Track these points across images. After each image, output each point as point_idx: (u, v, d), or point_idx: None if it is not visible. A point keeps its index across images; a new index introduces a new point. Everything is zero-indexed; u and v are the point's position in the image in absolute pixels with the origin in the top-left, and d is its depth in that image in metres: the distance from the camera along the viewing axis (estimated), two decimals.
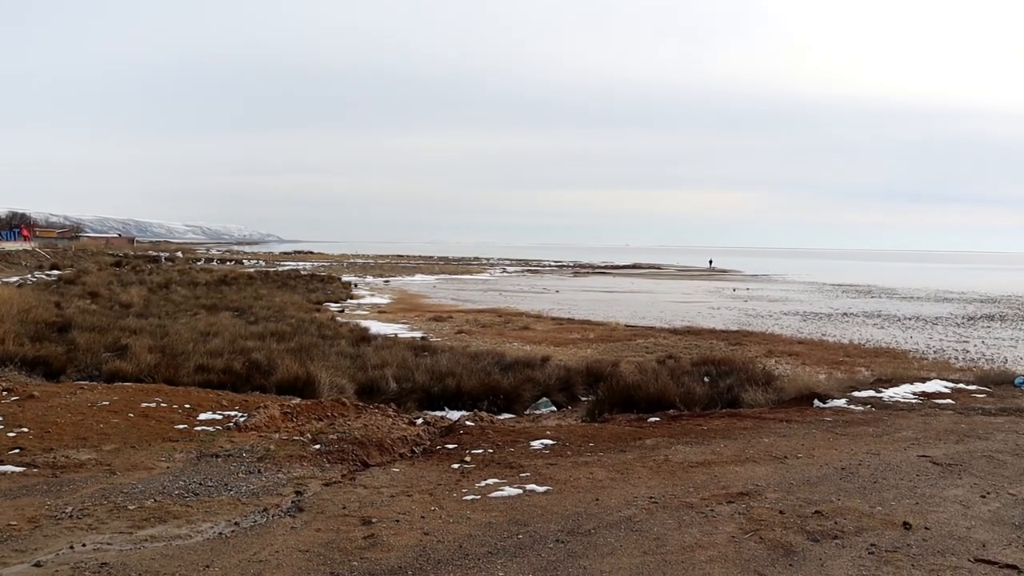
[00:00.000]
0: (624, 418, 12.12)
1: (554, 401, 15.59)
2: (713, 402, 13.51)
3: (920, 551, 5.94)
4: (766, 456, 8.85)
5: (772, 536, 6.15)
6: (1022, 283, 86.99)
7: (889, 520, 6.63)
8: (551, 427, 11.45)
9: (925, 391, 13.93)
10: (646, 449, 9.22)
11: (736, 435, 10.05)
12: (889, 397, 13.29)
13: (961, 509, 7.06)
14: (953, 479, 8.06)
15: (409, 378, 15.81)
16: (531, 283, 69.03)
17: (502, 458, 8.74)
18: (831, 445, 9.49)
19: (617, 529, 6.32)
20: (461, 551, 5.87)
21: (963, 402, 13.13)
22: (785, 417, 11.45)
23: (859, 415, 11.75)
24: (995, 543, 6.18)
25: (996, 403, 13.08)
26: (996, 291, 66.17)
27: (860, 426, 10.78)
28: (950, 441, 9.88)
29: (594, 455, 8.93)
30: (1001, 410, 12.37)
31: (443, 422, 11.43)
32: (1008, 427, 10.92)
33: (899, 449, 9.35)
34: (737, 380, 15.53)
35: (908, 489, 7.64)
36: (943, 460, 8.84)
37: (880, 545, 6.03)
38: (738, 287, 66.49)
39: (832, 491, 7.48)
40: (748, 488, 7.50)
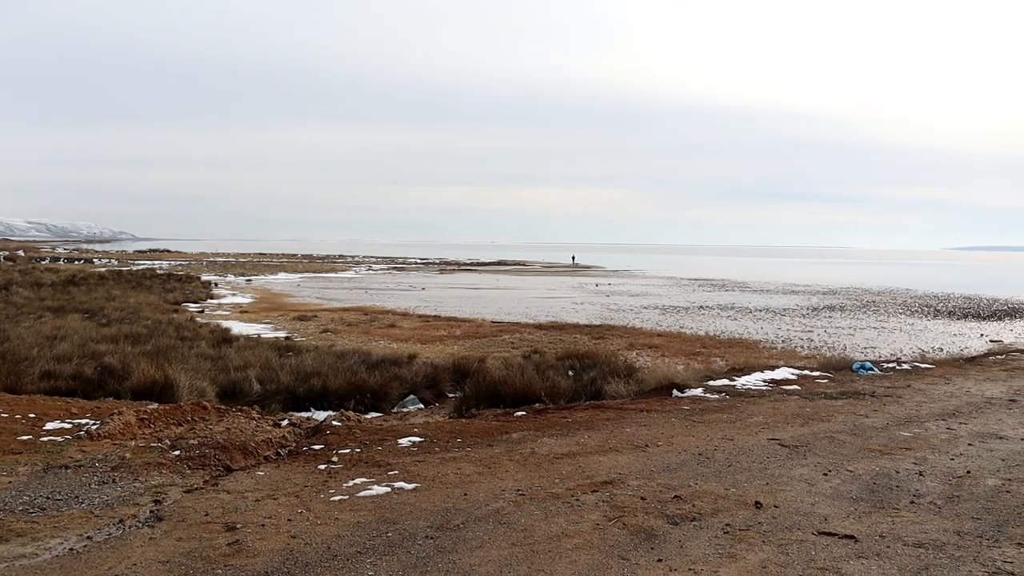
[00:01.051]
0: (491, 413, 12.25)
1: (422, 398, 15.58)
2: (578, 395, 13.85)
3: (770, 528, 6.31)
4: (628, 445, 9.15)
5: (635, 521, 6.38)
6: (861, 276, 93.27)
7: (742, 500, 7.01)
8: (419, 424, 11.44)
9: (774, 378, 14.73)
10: (513, 443, 9.36)
11: (600, 426, 10.34)
12: (742, 385, 13.98)
13: (806, 487, 7.53)
14: (799, 459, 8.59)
15: (273, 379, 15.43)
16: (397, 280, 68.57)
17: (370, 457, 8.68)
18: (689, 432, 9.91)
19: (486, 522, 6.40)
20: (330, 552, 5.81)
21: (808, 388, 13.97)
22: (646, 407, 11.86)
23: (714, 403, 12.30)
24: (836, 516, 6.64)
25: (837, 387, 13.99)
26: (837, 284, 70.66)
27: (715, 413, 11.31)
28: (796, 424, 10.51)
29: (462, 451, 8.99)
30: (841, 394, 13.24)
31: (309, 423, 11.23)
32: (847, 409, 11.71)
33: (751, 434, 9.86)
34: (600, 373, 15.97)
35: (759, 471, 8.09)
36: (790, 442, 9.40)
37: (734, 524, 6.37)
38: (600, 282, 68.20)
39: (690, 476, 7.83)
40: (612, 477, 7.74)
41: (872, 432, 10.15)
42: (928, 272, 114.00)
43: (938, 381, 15.17)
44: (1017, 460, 8.80)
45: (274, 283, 61.78)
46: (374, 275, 79.68)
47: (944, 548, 5.92)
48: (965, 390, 13.96)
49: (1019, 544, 6.04)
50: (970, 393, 13.62)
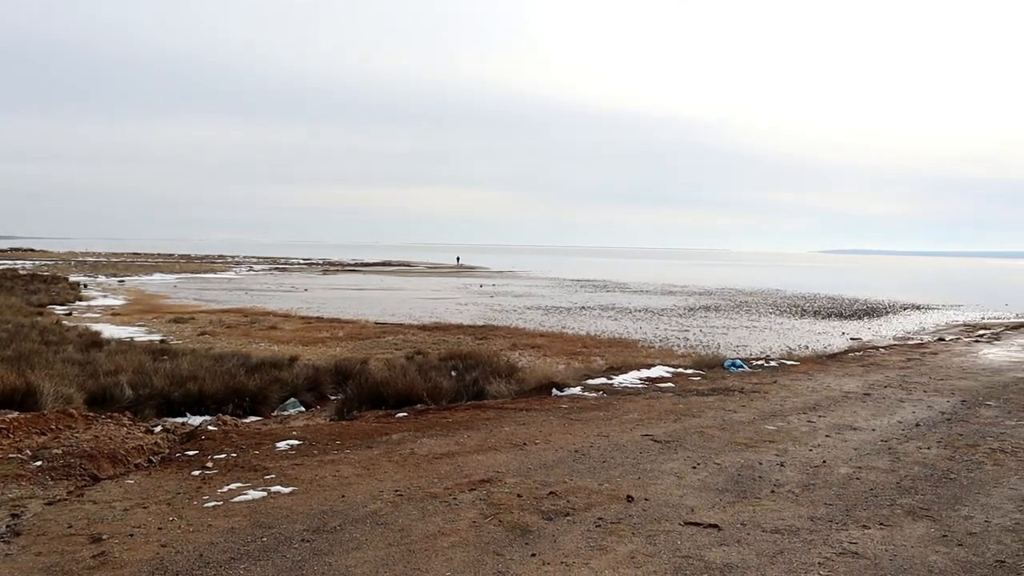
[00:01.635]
0: (373, 415, 12.21)
1: (303, 401, 15.35)
2: (459, 395, 13.94)
3: (640, 520, 6.57)
4: (507, 444, 9.32)
5: (511, 518, 6.53)
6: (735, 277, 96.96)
7: (615, 495, 7.26)
8: (299, 427, 11.31)
9: (650, 376, 15.23)
10: (392, 444, 9.38)
11: (480, 426, 10.47)
12: (619, 383, 14.40)
13: (676, 480, 7.87)
14: (670, 454, 8.94)
15: (147, 384, 14.88)
16: (279, 281, 67.06)
17: (246, 461, 8.54)
18: (566, 430, 10.16)
19: (363, 524, 6.42)
20: (202, 560, 5.71)
21: (682, 385, 14.52)
22: (526, 406, 12.07)
23: (592, 401, 12.64)
24: (702, 507, 6.97)
25: (709, 384, 14.58)
26: (713, 285, 73.27)
27: (593, 411, 11.62)
28: (669, 420, 10.92)
29: (341, 453, 8.95)
30: (712, 390, 13.81)
31: (184, 428, 10.92)
32: (717, 405, 12.24)
33: (626, 430, 10.19)
34: (482, 373, 16.11)
35: (632, 466, 8.38)
36: (663, 438, 9.76)
37: (606, 518, 6.60)
38: (485, 283, 68.54)
39: (566, 473, 8.04)
40: (490, 475, 7.88)
41: (739, 426, 10.65)
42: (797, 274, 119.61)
43: (802, 377, 16.01)
44: (867, 449, 9.42)
45: (149, 284, 59.41)
46: (255, 276, 77.65)
47: (798, 533, 6.31)
48: (826, 385, 14.78)
49: (864, 526, 6.50)
50: (830, 388, 14.44)
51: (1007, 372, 17.76)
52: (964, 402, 13.15)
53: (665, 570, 5.50)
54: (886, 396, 13.57)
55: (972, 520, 6.77)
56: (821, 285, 79.34)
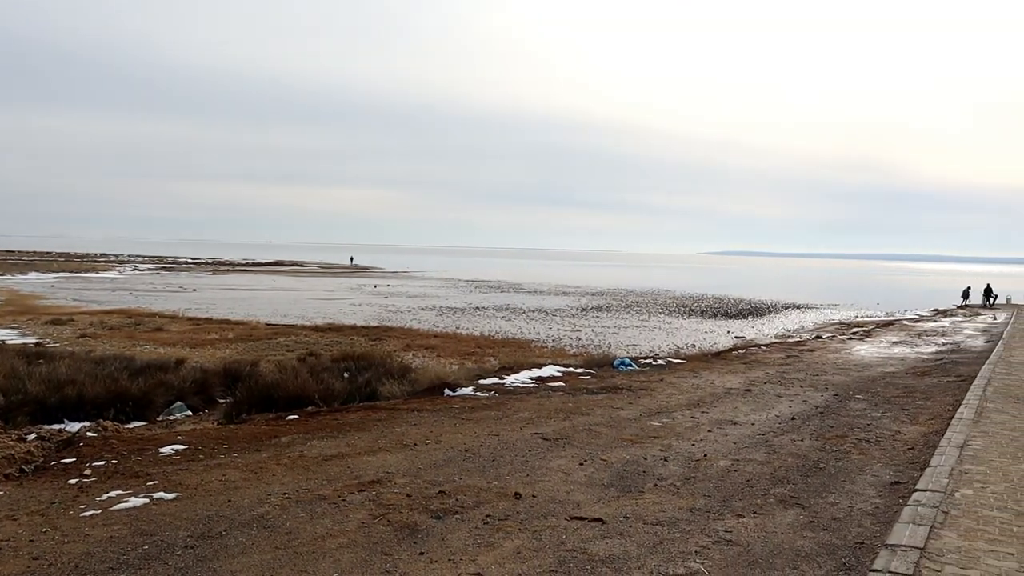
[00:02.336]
0: (263, 417, 12.02)
1: (190, 405, 14.93)
2: (352, 396, 13.85)
3: (527, 516, 6.71)
4: (398, 444, 9.34)
5: (399, 518, 6.57)
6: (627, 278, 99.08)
7: (503, 492, 7.39)
8: (185, 432, 11.03)
9: (541, 376, 15.48)
10: (282, 446, 9.27)
11: (371, 427, 10.45)
12: (511, 383, 14.58)
13: (563, 476, 8.05)
14: (559, 451, 9.14)
15: (20, 389, 14.18)
16: (166, 281, 64.79)
17: (127, 468, 8.29)
18: (457, 430, 10.25)
19: (250, 528, 6.34)
20: (78, 571, 5.53)
21: (572, 384, 14.81)
22: (418, 407, 12.10)
23: (484, 401, 12.76)
24: (588, 502, 7.17)
25: (598, 383, 14.92)
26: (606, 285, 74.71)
27: (484, 411, 11.74)
28: (559, 419, 11.14)
29: (228, 456, 8.79)
30: (601, 388, 14.15)
31: (61, 435, 10.49)
32: (606, 403, 12.55)
33: (516, 429, 10.35)
34: (376, 374, 16.03)
35: (521, 464, 8.53)
36: (552, 436, 9.96)
37: (494, 515, 6.71)
38: (379, 284, 67.98)
39: (456, 472, 8.12)
40: (379, 476, 7.89)
41: (626, 423, 10.96)
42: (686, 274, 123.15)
43: (687, 375, 16.56)
44: (746, 443, 9.86)
45: (23, 284, 56.42)
46: (140, 275, 74.76)
47: (678, 524, 6.57)
48: (709, 382, 15.34)
49: (739, 515, 6.82)
50: (713, 385, 14.99)
51: (876, 367, 18.81)
52: (836, 396, 13.88)
53: (549, 564, 5.65)
54: (766, 392, 14.19)
55: (837, 506, 7.19)
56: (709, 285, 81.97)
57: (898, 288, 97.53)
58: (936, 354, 22.55)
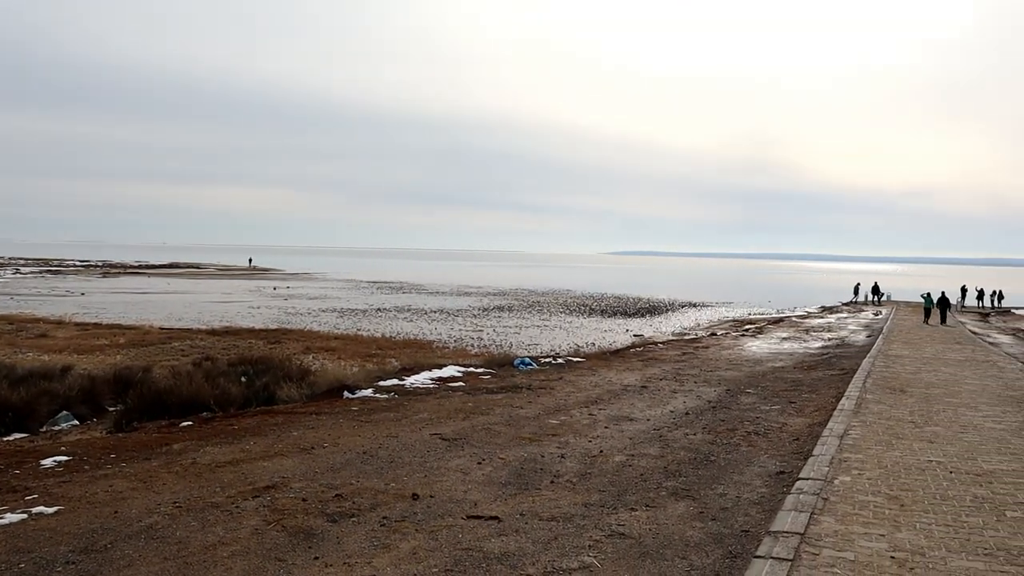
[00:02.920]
0: (155, 425, 11.68)
1: (77, 414, 14.33)
2: (249, 401, 13.56)
3: (425, 517, 6.72)
4: (295, 448, 9.20)
5: (294, 523, 6.48)
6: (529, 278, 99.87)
7: (401, 494, 7.37)
8: (70, 442, 10.62)
9: (442, 376, 15.49)
10: (173, 454, 9.02)
11: (267, 431, 10.27)
12: (411, 384, 14.54)
13: (461, 476, 8.09)
14: (457, 451, 9.17)
15: None
16: (52, 285, 61.91)
17: (3, 483, 7.91)
18: (356, 432, 10.17)
19: (137, 539, 6.15)
20: None
21: (472, 383, 14.87)
22: (316, 410, 11.95)
23: (383, 402, 12.69)
24: (485, 501, 7.23)
25: (498, 382, 15.03)
26: (508, 285, 75.15)
27: (383, 412, 11.68)
28: (458, 419, 11.18)
29: (116, 467, 8.50)
30: (501, 388, 14.25)
31: None
32: (505, 402, 12.65)
33: (415, 430, 10.34)
34: (274, 378, 15.72)
35: (419, 464, 8.53)
36: (451, 436, 9.99)
37: (391, 517, 6.70)
38: (279, 286, 66.70)
39: (353, 474, 8.06)
40: (275, 481, 7.76)
41: (525, 422, 11.08)
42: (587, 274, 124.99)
43: (586, 373, 16.84)
44: (641, 438, 10.10)
45: None
46: (23, 279, 71.20)
47: (573, 519, 6.69)
48: (608, 380, 15.64)
49: (632, 509, 7.00)
50: (611, 382, 15.29)
51: (766, 362, 19.52)
52: (728, 391, 14.35)
53: (445, 563, 5.68)
54: (661, 388, 14.55)
55: (726, 497, 7.46)
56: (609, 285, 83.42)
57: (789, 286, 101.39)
58: (822, 349, 23.56)
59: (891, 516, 6.73)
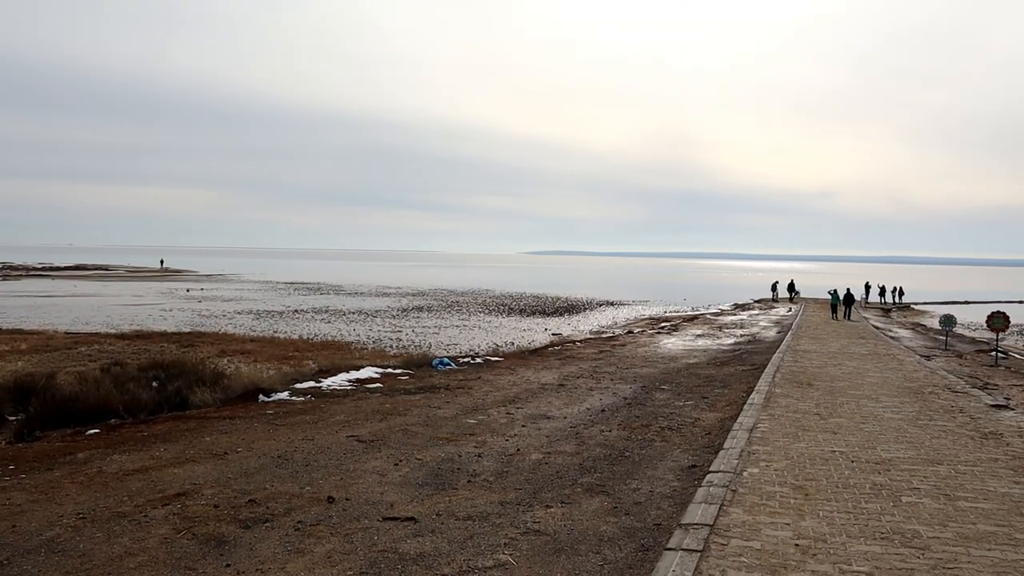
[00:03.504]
0: (59, 434, 11.25)
1: None
2: (160, 407, 13.20)
3: (340, 520, 6.67)
4: (207, 454, 9.01)
5: (205, 530, 6.35)
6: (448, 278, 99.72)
7: (316, 497, 7.30)
8: None
9: (359, 378, 15.36)
10: (78, 463, 8.72)
11: (178, 437, 10.02)
12: (328, 386, 14.38)
13: (378, 478, 8.05)
14: (374, 453, 9.12)
15: None
16: None
17: None
18: (271, 436, 10.01)
19: (36, 554, 5.93)
20: None
21: (390, 385, 14.79)
22: (230, 414, 11.72)
23: (300, 405, 12.52)
24: (401, 502, 7.21)
25: (416, 383, 14.98)
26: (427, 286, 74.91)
27: (300, 415, 11.53)
28: (375, 420, 11.11)
29: (15, 478, 8.17)
30: (419, 388, 14.21)
31: None
32: (423, 403, 12.62)
33: (332, 432, 10.23)
34: (186, 382, 15.34)
35: (336, 467, 8.46)
36: (368, 437, 9.92)
37: (306, 521, 6.63)
38: (192, 288, 64.99)
39: (267, 479, 7.94)
40: (186, 488, 7.59)
41: (443, 422, 11.08)
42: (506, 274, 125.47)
43: (505, 372, 16.92)
44: (558, 436, 10.21)
45: None
46: None
47: (488, 518, 6.73)
48: (526, 379, 15.74)
49: (547, 506, 7.08)
50: (529, 381, 15.40)
51: (681, 359, 19.94)
52: (644, 387, 14.61)
53: (360, 566, 5.65)
54: (578, 386, 14.73)
55: (639, 491, 7.61)
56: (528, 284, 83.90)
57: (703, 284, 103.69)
58: (734, 345, 24.18)
59: (796, 505, 6.97)
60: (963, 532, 6.39)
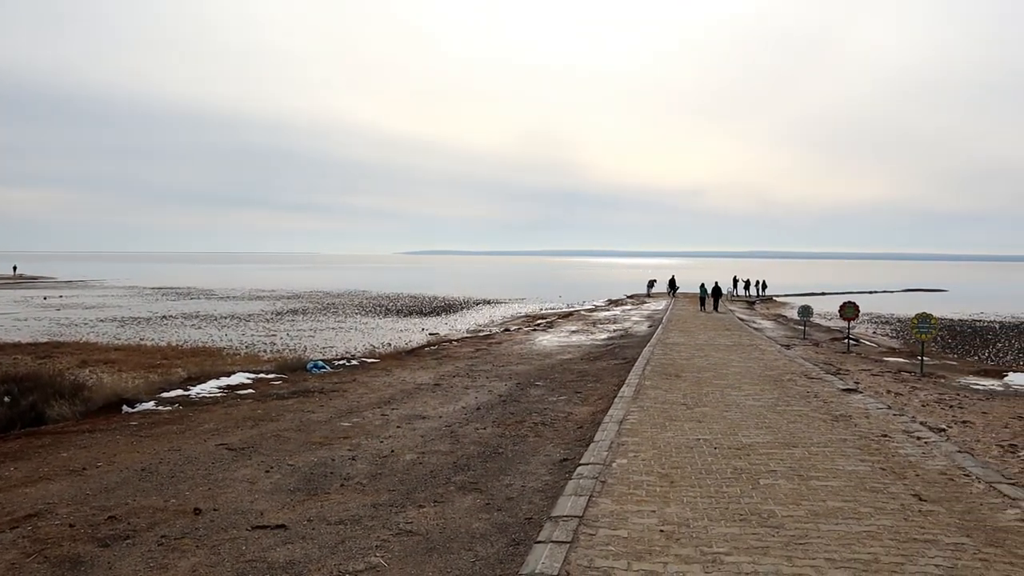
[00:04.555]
0: None
1: None
2: (12, 423, 12.46)
3: (207, 531, 6.49)
4: (63, 471, 8.58)
5: (59, 552, 6.05)
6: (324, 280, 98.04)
7: (182, 510, 7.07)
8: None
9: (230, 384, 14.94)
10: None
11: (32, 454, 9.50)
12: (197, 394, 13.93)
13: (248, 486, 7.87)
14: (244, 460, 8.91)
15: None
16: None
17: None
18: (134, 448, 9.62)
19: None
20: None
21: (262, 390, 14.45)
22: (90, 427, 11.20)
23: (166, 415, 12.08)
24: (272, 509, 7.08)
25: (290, 387, 14.70)
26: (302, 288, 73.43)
27: (166, 425, 11.12)
28: (246, 427, 10.84)
29: None
30: (293, 393, 13.95)
31: None
32: (296, 407, 12.41)
33: (200, 441, 9.93)
34: (42, 396, 14.53)
35: (203, 477, 8.21)
36: (238, 445, 9.68)
37: (170, 535, 6.41)
38: (50, 295, 61.45)
39: (129, 493, 7.64)
40: (38, 508, 7.20)
41: (316, 426, 10.92)
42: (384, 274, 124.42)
43: (380, 373, 16.81)
44: (433, 435, 10.24)
45: None
46: None
47: (361, 521, 6.70)
48: (402, 379, 15.69)
49: (421, 506, 7.11)
50: (405, 381, 15.35)
51: (556, 355, 20.30)
52: (519, 384, 14.81)
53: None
54: (454, 385, 14.79)
55: (512, 487, 7.73)
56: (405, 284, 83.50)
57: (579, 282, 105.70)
58: (608, 340, 24.79)
59: (662, 493, 7.24)
60: (814, 509, 6.79)
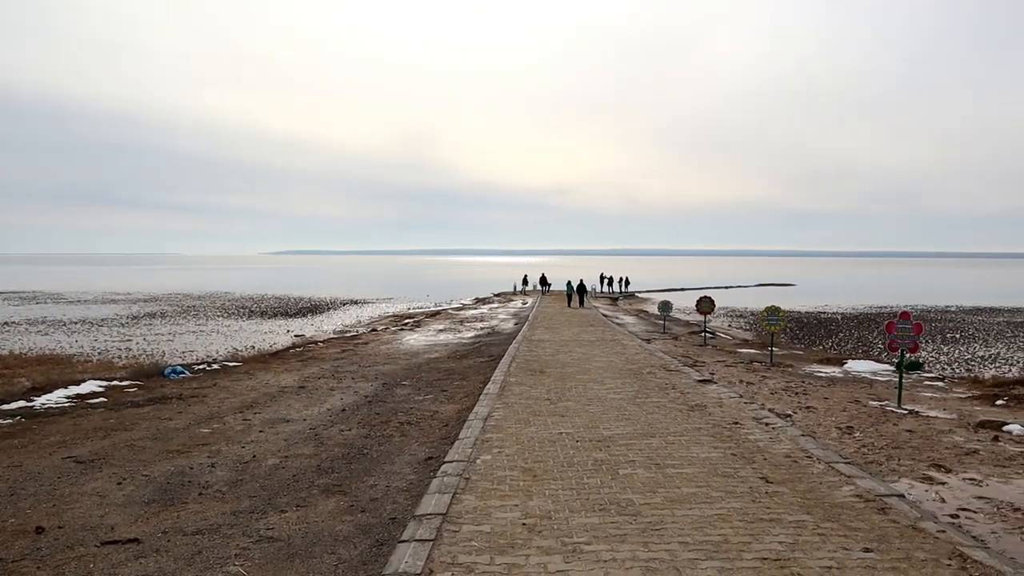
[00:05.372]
0: None
1: None
2: None
3: (50, 551, 6.16)
4: None
5: None
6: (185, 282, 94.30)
7: (22, 529, 6.68)
8: None
9: (80, 393, 14.18)
10: None
11: None
12: (42, 405, 13.15)
13: (98, 500, 7.51)
14: (94, 473, 8.49)
15: None
16: None
17: None
18: None
19: None
20: None
21: (116, 398, 13.79)
22: None
23: (6, 428, 11.34)
24: (124, 523, 6.79)
25: (146, 394, 14.09)
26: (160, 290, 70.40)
27: (6, 439, 10.44)
28: (97, 438, 10.33)
29: None
30: (149, 400, 13.38)
31: None
32: (153, 415, 11.91)
33: (45, 455, 9.39)
34: None
35: (48, 493, 7.78)
36: (87, 457, 9.21)
37: (8, 558, 6.04)
38: None
39: None
40: None
41: (174, 433, 10.52)
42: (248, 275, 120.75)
43: (243, 377, 16.35)
44: (296, 439, 10.05)
45: None
46: None
47: (220, 530, 6.52)
48: (265, 383, 15.31)
49: (282, 511, 6.98)
50: (268, 385, 14.99)
51: (423, 354, 20.28)
52: (385, 384, 14.72)
53: None
54: (319, 387, 14.55)
55: (376, 488, 7.70)
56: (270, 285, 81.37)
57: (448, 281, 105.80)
58: (475, 338, 24.95)
59: (525, 487, 7.38)
60: (669, 496, 7.09)
